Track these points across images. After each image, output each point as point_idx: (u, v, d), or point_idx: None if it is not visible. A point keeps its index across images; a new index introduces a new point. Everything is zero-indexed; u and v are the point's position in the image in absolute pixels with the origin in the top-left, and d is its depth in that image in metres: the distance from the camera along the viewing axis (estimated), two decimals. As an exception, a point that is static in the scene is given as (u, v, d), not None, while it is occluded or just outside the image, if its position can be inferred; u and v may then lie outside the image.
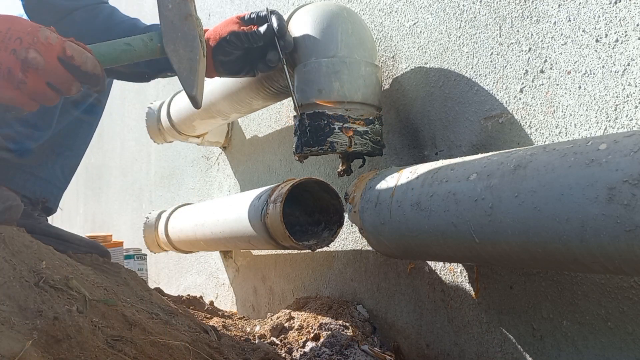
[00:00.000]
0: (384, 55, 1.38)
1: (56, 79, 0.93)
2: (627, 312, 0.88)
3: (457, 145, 1.18)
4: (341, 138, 1.20)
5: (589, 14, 0.92)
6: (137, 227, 2.85)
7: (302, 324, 1.45)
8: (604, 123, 0.90)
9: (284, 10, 1.78)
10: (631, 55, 0.86)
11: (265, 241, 1.44)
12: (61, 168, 1.48)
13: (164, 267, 2.80)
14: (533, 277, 1.03)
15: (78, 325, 0.89)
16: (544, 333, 1.01)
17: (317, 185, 1.37)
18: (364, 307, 1.47)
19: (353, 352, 1.30)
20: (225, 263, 2.23)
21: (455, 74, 1.18)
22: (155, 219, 2.18)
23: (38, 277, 0.97)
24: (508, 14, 1.06)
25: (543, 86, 1.00)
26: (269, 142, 1.92)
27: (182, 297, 1.82)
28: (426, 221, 0.97)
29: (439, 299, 1.24)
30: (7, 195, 1.22)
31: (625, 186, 0.67)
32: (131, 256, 2.21)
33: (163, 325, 1.09)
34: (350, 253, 1.53)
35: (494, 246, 0.86)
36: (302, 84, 1.24)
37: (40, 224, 1.40)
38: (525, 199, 0.79)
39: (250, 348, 1.27)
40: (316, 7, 1.30)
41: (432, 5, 1.23)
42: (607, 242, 0.70)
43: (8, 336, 0.80)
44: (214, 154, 2.32)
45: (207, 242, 1.82)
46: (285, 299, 1.83)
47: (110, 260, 1.39)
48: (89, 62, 0.96)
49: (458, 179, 0.92)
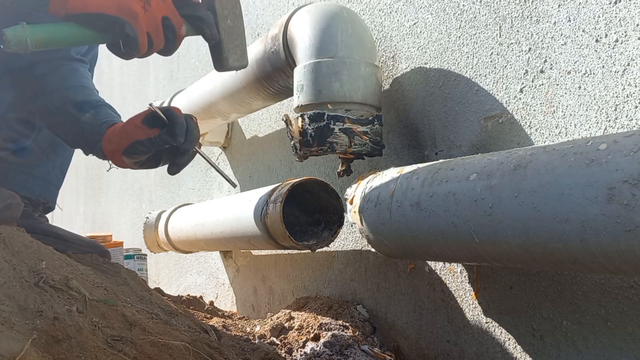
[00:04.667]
0: (384, 55, 1.38)
1: (172, 13, 0.99)
2: (627, 312, 0.88)
3: (457, 145, 1.18)
4: (341, 138, 1.20)
5: (589, 14, 0.92)
6: (137, 227, 2.85)
7: (302, 324, 1.45)
8: (604, 123, 0.90)
9: (284, 10, 1.78)
10: (631, 55, 0.86)
11: (265, 241, 1.44)
12: (60, 167, 1.49)
13: (164, 267, 2.80)
14: (533, 277, 1.03)
15: (78, 325, 0.89)
16: (544, 333, 1.02)
17: (317, 185, 1.37)
18: (364, 307, 1.47)
19: (353, 352, 1.30)
20: (225, 263, 2.23)
21: (455, 74, 1.18)
22: (155, 219, 2.18)
23: (38, 277, 0.97)
24: (508, 14, 1.06)
25: (543, 86, 1.00)
26: (269, 142, 1.92)
27: (182, 297, 1.82)
28: (426, 221, 0.97)
29: (439, 299, 1.24)
30: (7, 193, 1.22)
31: (625, 186, 0.67)
32: (131, 256, 2.21)
33: (163, 325, 1.09)
34: (350, 253, 1.53)
35: (494, 246, 0.86)
36: (302, 85, 1.24)
37: (41, 224, 1.40)
38: (525, 199, 0.79)
39: (250, 348, 1.27)
40: (316, 7, 1.30)
41: (432, 5, 1.23)
42: (607, 242, 0.70)
43: (8, 336, 0.80)
44: (214, 154, 2.33)
45: (207, 242, 1.82)
46: (285, 299, 1.83)
47: (110, 260, 1.39)
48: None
49: (458, 179, 0.92)
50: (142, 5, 0.95)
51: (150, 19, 0.97)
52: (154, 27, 0.98)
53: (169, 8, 1.00)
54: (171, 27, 1.00)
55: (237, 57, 1.06)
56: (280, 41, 1.36)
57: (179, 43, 1.03)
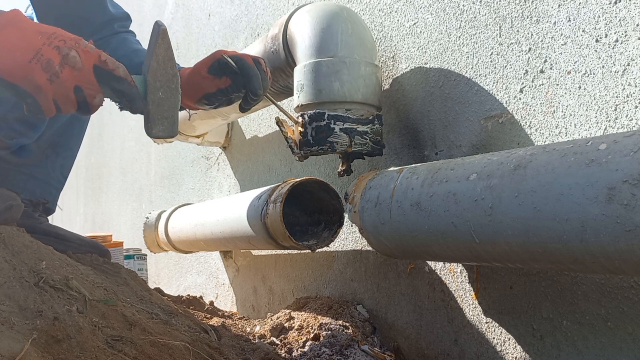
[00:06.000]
0: (384, 55, 1.38)
1: (86, 83, 1.00)
2: (627, 312, 0.88)
3: (457, 145, 1.18)
4: (341, 138, 1.20)
5: (589, 14, 0.92)
6: (137, 227, 2.86)
7: (302, 324, 1.45)
8: (604, 123, 0.90)
9: (284, 10, 1.78)
10: (631, 55, 0.86)
11: (265, 241, 1.44)
12: (60, 168, 1.49)
13: (164, 267, 2.80)
14: (533, 277, 1.03)
15: (78, 325, 0.89)
16: (544, 333, 1.01)
17: (317, 185, 1.37)
18: (364, 307, 1.47)
19: (353, 352, 1.30)
20: (225, 263, 2.23)
21: (455, 74, 1.18)
22: (155, 219, 2.18)
23: (38, 277, 0.97)
24: (508, 14, 1.06)
25: (543, 86, 1.00)
26: (269, 142, 1.92)
27: (182, 297, 1.82)
28: (426, 221, 0.97)
29: (439, 299, 1.24)
30: (8, 194, 1.22)
31: (625, 186, 0.67)
32: (131, 256, 2.21)
33: (163, 325, 1.09)
34: (350, 253, 1.53)
35: (494, 246, 0.86)
36: (302, 84, 1.24)
37: (41, 224, 1.40)
38: (525, 199, 0.79)
39: (250, 348, 1.27)
40: (316, 7, 1.30)
41: (432, 5, 1.23)
42: (607, 242, 0.70)
43: (8, 336, 0.80)
44: (214, 154, 2.33)
45: (207, 242, 1.82)
46: (285, 299, 1.83)
47: (110, 260, 1.39)
48: (121, 68, 1.04)
49: (458, 179, 0.92)
50: (47, 77, 0.96)
51: (59, 88, 0.98)
52: (63, 96, 0.99)
53: (85, 78, 1.00)
54: (82, 96, 1.01)
55: (163, 128, 1.10)
56: (280, 41, 1.36)
57: (94, 109, 1.04)
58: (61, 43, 0.98)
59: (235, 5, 2.11)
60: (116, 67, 1.03)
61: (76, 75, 0.99)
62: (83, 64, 0.99)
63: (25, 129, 1.36)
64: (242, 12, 2.06)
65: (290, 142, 1.26)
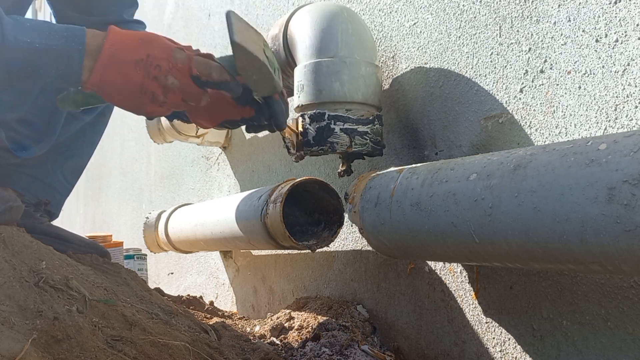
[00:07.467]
0: (384, 55, 1.38)
1: (189, 95, 1.07)
2: (627, 312, 0.88)
3: (457, 145, 1.18)
4: (341, 138, 1.20)
5: (589, 14, 0.92)
6: (137, 227, 2.85)
7: (302, 324, 1.45)
8: (604, 123, 0.90)
9: (284, 10, 1.78)
10: (631, 55, 0.86)
11: (265, 241, 1.44)
12: (64, 173, 1.48)
13: (164, 267, 2.80)
14: (533, 277, 1.03)
15: (78, 325, 0.89)
16: (544, 333, 1.02)
17: (317, 185, 1.37)
18: (364, 307, 1.47)
19: (353, 352, 1.30)
20: (225, 263, 2.23)
21: (455, 74, 1.18)
22: (155, 219, 2.18)
23: (38, 277, 0.97)
24: (508, 14, 1.06)
25: (543, 86, 1.00)
26: (269, 142, 1.92)
27: (182, 297, 1.82)
28: (426, 221, 0.97)
29: (439, 299, 1.24)
30: (8, 196, 1.22)
31: (625, 186, 0.67)
32: (131, 256, 2.21)
33: (163, 325, 1.09)
34: (350, 253, 1.53)
35: (494, 246, 0.86)
36: (302, 84, 1.24)
37: (42, 224, 1.40)
38: (525, 199, 0.79)
39: (250, 348, 1.27)
40: (316, 7, 1.30)
41: (432, 5, 1.23)
42: (607, 242, 0.70)
43: (8, 336, 0.80)
44: (214, 154, 2.33)
45: (207, 242, 1.82)
46: (285, 299, 1.83)
47: (110, 260, 1.39)
48: (213, 71, 1.08)
49: (458, 179, 0.92)
50: (158, 105, 1.05)
51: (169, 108, 1.08)
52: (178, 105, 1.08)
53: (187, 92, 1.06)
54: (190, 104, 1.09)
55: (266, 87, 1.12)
56: (281, 41, 1.36)
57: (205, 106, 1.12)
58: (157, 71, 1.03)
59: (235, 5, 2.11)
60: (209, 73, 1.07)
61: (179, 93, 1.05)
62: (181, 82, 1.05)
63: (27, 130, 1.36)
64: (242, 12, 2.06)
65: (287, 142, 1.26)
